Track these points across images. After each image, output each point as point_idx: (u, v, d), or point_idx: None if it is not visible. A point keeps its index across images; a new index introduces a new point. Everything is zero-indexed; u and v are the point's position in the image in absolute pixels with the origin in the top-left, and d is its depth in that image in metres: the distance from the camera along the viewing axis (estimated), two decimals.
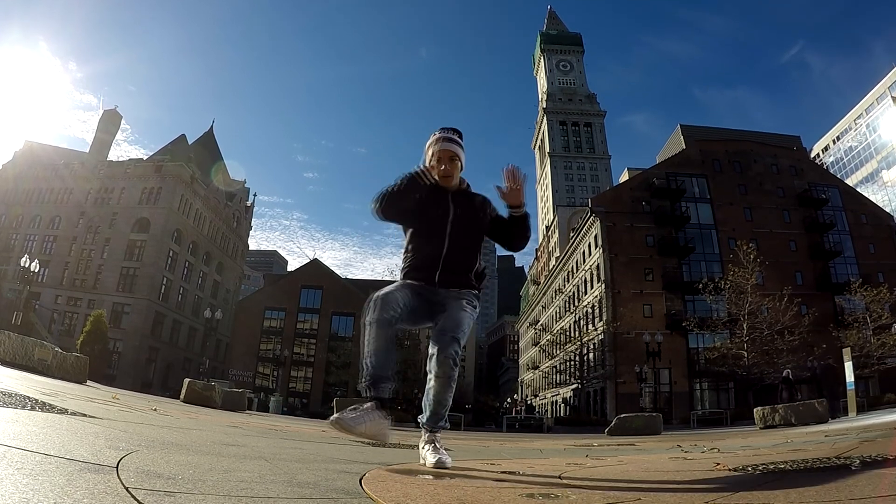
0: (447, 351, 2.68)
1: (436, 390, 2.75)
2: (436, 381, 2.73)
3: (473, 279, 2.98)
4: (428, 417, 2.82)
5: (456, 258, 2.93)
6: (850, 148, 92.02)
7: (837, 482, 2.02)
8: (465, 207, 2.97)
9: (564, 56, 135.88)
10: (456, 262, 2.93)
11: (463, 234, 2.94)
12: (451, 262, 2.91)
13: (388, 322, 2.69)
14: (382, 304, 2.70)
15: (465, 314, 2.84)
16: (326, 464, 2.68)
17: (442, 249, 2.91)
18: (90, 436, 2.36)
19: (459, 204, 2.97)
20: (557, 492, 1.95)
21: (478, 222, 3.00)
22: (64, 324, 54.25)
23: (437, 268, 2.90)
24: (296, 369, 57.53)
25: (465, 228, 2.95)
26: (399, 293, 2.79)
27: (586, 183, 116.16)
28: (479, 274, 3.01)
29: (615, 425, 15.24)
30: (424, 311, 2.89)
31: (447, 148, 2.94)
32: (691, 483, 2.30)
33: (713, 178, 49.74)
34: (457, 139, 2.98)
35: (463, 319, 2.81)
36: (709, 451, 4.58)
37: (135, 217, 59.72)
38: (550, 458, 4.16)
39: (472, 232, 2.98)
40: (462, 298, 2.89)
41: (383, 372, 2.67)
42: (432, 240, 2.93)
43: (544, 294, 74.51)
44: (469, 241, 2.98)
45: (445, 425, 2.87)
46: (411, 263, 2.96)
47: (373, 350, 2.66)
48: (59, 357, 12.12)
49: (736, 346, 35.39)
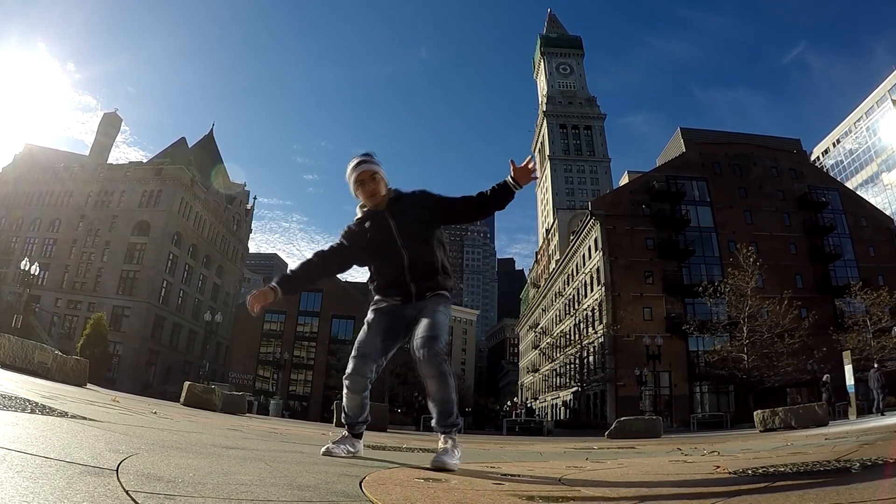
0: (429, 350, 2.77)
1: (432, 390, 2.82)
2: (429, 381, 2.80)
3: (444, 276, 3.05)
4: (436, 419, 2.89)
5: (420, 264, 3.01)
6: (851, 151, 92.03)
7: (837, 485, 2.02)
8: (404, 213, 3.04)
9: (564, 59, 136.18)
10: (422, 267, 3.00)
11: (415, 238, 3.01)
12: (418, 270, 2.99)
13: (361, 389, 3.01)
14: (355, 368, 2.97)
15: (438, 314, 2.93)
16: (326, 467, 2.68)
17: (403, 262, 2.99)
18: (90, 439, 2.36)
19: (398, 213, 3.04)
20: (558, 495, 1.95)
21: (424, 220, 3.05)
22: (64, 327, 54.19)
23: (408, 282, 2.99)
24: (296, 372, 57.43)
25: (414, 231, 3.02)
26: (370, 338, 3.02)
27: (586, 186, 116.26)
28: (447, 271, 3.07)
29: (615, 428, 15.23)
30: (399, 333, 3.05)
31: (363, 170, 3.04)
32: (691, 486, 2.30)
33: (713, 181, 49.77)
34: (367, 160, 3.07)
35: (437, 319, 2.89)
36: (709, 455, 4.57)
37: (135, 220, 59.71)
38: (550, 462, 4.16)
39: (422, 232, 3.04)
40: (435, 305, 2.97)
41: (356, 420, 3.15)
42: (390, 258, 3.02)
43: (544, 297, 74.47)
44: (424, 241, 3.04)
45: (458, 422, 2.91)
46: (381, 286, 3.11)
47: (348, 407, 3.11)
48: (59, 360, 12.11)
49: (736, 349, 35.36)
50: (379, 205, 3.06)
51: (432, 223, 3.07)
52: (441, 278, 3.03)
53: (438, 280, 3.02)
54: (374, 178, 3.03)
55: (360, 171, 3.03)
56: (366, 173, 3.03)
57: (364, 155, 3.09)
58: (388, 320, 3.03)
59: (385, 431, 13.98)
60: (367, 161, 3.06)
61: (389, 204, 3.07)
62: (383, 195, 3.06)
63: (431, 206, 3.07)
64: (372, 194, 3.03)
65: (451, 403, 2.86)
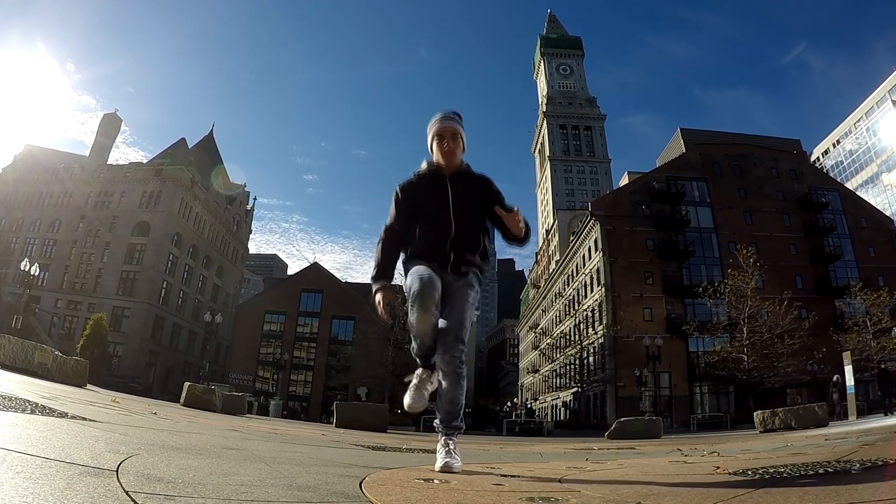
0: (452, 351, 2.73)
1: (445, 389, 2.80)
2: (444, 379, 2.78)
3: (483, 256, 3.00)
4: (441, 418, 2.85)
5: (464, 239, 2.93)
6: (851, 151, 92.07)
7: (837, 486, 2.02)
8: (465, 187, 2.96)
9: (564, 60, 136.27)
10: (465, 242, 2.93)
11: (467, 214, 2.94)
12: (461, 244, 2.92)
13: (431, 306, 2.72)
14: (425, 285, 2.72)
15: (468, 306, 2.87)
16: (326, 467, 2.68)
17: (450, 233, 2.91)
18: (90, 439, 2.36)
19: (459, 184, 2.96)
20: (558, 495, 1.95)
21: (479, 201, 2.97)
22: (64, 327, 54.16)
23: (448, 251, 2.90)
24: (296, 373, 57.48)
25: (469, 208, 2.95)
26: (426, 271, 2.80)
27: (586, 186, 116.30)
28: (483, 253, 3.01)
29: (615, 429, 15.24)
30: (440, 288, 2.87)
31: (448, 125, 2.94)
32: (691, 487, 2.30)
33: (713, 182, 49.78)
34: (455, 118, 2.98)
35: (466, 315, 2.83)
36: (709, 455, 4.57)
37: (135, 221, 59.69)
38: (550, 462, 4.16)
39: (475, 211, 2.97)
40: (468, 286, 2.90)
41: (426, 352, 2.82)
42: (438, 224, 2.93)
43: (544, 298, 74.47)
44: (474, 221, 2.97)
45: (460, 425, 2.87)
46: (420, 251, 2.94)
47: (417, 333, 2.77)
48: (59, 361, 12.12)
49: (736, 350, 35.32)
50: (448, 167, 2.96)
51: (485, 209, 2.98)
52: (479, 255, 2.98)
53: (478, 256, 2.97)
54: (455, 138, 2.93)
55: (444, 125, 2.93)
56: (449, 129, 2.92)
57: (452, 112, 3.00)
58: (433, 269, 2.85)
59: (385, 432, 13.99)
60: (455, 119, 2.97)
61: (457, 172, 2.98)
62: (457, 159, 2.98)
63: (490, 194, 2.99)
64: (448, 153, 2.92)
65: (460, 405, 2.85)
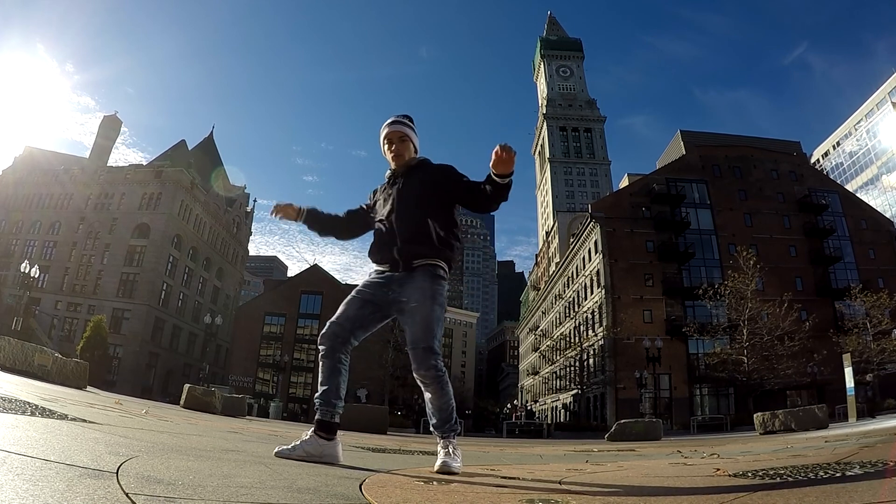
0: (426, 364, 2.74)
1: (430, 399, 2.83)
2: (426, 390, 2.82)
3: (437, 245, 2.87)
4: (436, 424, 2.87)
5: (408, 226, 2.89)
6: (851, 153, 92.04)
7: (837, 487, 2.02)
8: (415, 177, 2.99)
9: (564, 62, 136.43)
10: (409, 230, 2.88)
11: (415, 203, 2.92)
12: (406, 233, 2.88)
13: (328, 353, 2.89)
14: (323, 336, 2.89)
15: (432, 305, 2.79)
16: (326, 469, 2.68)
17: (392, 223, 2.94)
18: (90, 441, 2.36)
19: (408, 175, 3.02)
20: (557, 497, 1.95)
21: (433, 187, 2.93)
22: (64, 329, 54.17)
23: (395, 243, 2.89)
24: (296, 375, 57.36)
25: (416, 195, 2.93)
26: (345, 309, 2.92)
27: (586, 188, 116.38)
28: (443, 240, 2.89)
29: (615, 431, 15.22)
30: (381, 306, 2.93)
31: (395, 129, 3.04)
32: (691, 489, 2.30)
33: (713, 184, 49.79)
34: (405, 122, 3.08)
35: (431, 317, 2.77)
36: (709, 457, 4.57)
37: (135, 222, 59.72)
38: (550, 464, 4.16)
39: (425, 196, 2.92)
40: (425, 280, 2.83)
41: (325, 395, 2.89)
42: (384, 223, 2.98)
43: (544, 299, 74.46)
44: (422, 208, 2.91)
45: (457, 427, 2.88)
46: (371, 251, 3.02)
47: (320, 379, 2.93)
48: (59, 362, 12.10)
49: (736, 352, 35.32)
50: (400, 167, 3.06)
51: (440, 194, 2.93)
52: (432, 245, 2.86)
53: (428, 246, 2.85)
54: (403, 140, 3.04)
55: (390, 130, 3.05)
56: (395, 133, 3.04)
57: (402, 116, 3.11)
58: (369, 291, 2.93)
59: (385, 434, 13.98)
60: (402, 122, 3.07)
61: (408, 169, 3.05)
62: (406, 159, 3.05)
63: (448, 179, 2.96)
64: (397, 155, 3.03)
65: (451, 409, 2.85)
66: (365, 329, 2.96)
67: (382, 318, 2.98)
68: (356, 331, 2.92)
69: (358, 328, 2.92)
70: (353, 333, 2.91)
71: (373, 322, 2.97)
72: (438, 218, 2.91)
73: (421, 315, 2.77)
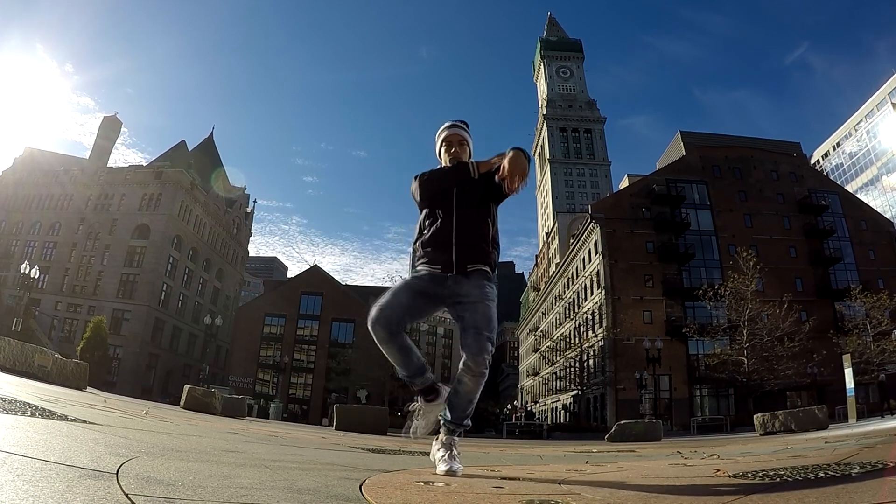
0: (486, 350, 2.73)
1: (468, 388, 2.79)
2: (471, 379, 2.76)
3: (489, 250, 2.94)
4: (456, 415, 2.83)
5: (468, 228, 2.91)
6: (851, 154, 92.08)
7: (837, 488, 2.02)
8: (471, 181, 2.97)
9: (564, 62, 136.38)
10: (468, 233, 2.90)
11: (475, 209, 2.94)
12: (464, 235, 2.89)
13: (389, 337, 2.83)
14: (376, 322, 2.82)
15: (490, 305, 2.83)
16: (326, 470, 2.68)
17: (451, 222, 2.92)
18: (90, 442, 2.36)
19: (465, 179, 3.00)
20: (558, 498, 1.95)
21: (487, 194, 2.96)
22: (64, 330, 54.20)
23: (452, 245, 2.89)
24: (296, 375, 57.41)
25: (477, 203, 2.95)
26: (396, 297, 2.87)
27: (586, 189, 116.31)
28: (493, 245, 2.97)
29: (615, 431, 15.21)
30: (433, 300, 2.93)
31: (454, 133, 3.11)
32: (691, 489, 2.30)
33: (713, 185, 49.79)
34: (463, 126, 3.15)
35: (491, 313, 2.81)
36: (709, 458, 4.57)
37: (135, 223, 59.74)
38: (550, 465, 4.16)
39: (484, 205, 2.97)
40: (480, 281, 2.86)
41: (411, 371, 2.93)
42: (441, 218, 2.94)
43: (544, 300, 74.44)
44: (481, 215, 2.96)
45: (468, 425, 2.89)
46: (423, 245, 2.97)
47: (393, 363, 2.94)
48: (59, 363, 12.11)
49: (736, 353, 35.32)
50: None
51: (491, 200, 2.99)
52: (486, 249, 2.94)
53: (483, 250, 2.92)
54: (462, 144, 3.09)
55: (450, 133, 3.11)
56: (456, 136, 3.10)
57: (459, 120, 3.17)
58: (422, 284, 2.91)
59: (385, 434, 13.98)
60: (460, 127, 3.14)
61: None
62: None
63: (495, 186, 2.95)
64: (455, 158, 3.07)
65: (474, 406, 2.87)
66: (413, 317, 2.99)
67: (434, 309, 3.01)
68: (406, 317, 2.93)
69: (408, 315, 2.93)
70: (404, 318, 2.92)
71: (423, 311, 2.99)
72: (491, 225, 2.99)
73: (482, 308, 2.80)
